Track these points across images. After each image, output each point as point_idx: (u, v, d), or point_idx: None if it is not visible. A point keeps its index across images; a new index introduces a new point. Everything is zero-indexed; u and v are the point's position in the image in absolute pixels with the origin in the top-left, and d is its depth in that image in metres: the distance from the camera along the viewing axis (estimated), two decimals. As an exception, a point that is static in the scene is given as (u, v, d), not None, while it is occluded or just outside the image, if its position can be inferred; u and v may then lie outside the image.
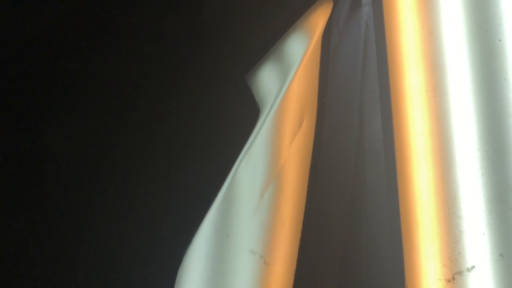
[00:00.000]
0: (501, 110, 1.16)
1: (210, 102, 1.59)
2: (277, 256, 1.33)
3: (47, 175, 1.31)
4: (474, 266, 1.09)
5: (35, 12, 1.45)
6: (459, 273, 1.11)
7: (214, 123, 1.57)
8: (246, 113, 1.56)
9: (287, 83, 1.57)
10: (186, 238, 1.33)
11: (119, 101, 1.47)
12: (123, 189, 1.37)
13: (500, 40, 1.20)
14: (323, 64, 1.71)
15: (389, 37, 1.45)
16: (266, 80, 1.63)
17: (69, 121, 1.39)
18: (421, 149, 1.27)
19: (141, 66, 1.56)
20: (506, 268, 1.06)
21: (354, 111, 2.09)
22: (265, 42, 1.69)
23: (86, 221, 1.29)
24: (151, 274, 1.30)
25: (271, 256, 1.31)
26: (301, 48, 1.67)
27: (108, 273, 1.27)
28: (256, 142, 1.45)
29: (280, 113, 1.51)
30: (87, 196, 1.32)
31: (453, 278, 1.11)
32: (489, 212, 1.11)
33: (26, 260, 1.21)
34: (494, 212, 1.10)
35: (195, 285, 1.28)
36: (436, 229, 1.18)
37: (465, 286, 1.10)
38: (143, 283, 1.29)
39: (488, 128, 1.17)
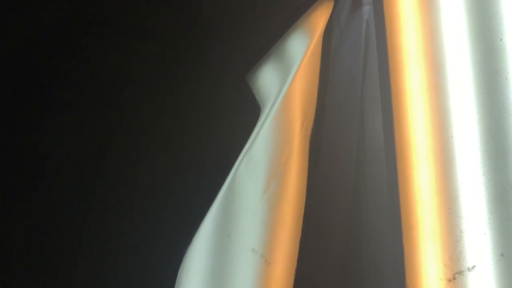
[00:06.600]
0: (502, 109, 1.15)
1: (210, 102, 1.59)
2: (278, 255, 1.33)
3: (47, 175, 1.31)
4: (475, 266, 1.09)
5: (35, 12, 1.45)
6: (460, 272, 1.10)
7: (214, 122, 1.57)
8: (247, 112, 1.56)
9: (287, 83, 1.57)
10: (186, 238, 1.33)
11: (119, 100, 1.47)
12: (123, 189, 1.38)
13: (501, 39, 1.20)
14: (324, 63, 1.71)
15: (390, 36, 1.45)
16: (267, 79, 1.63)
17: (69, 120, 1.39)
18: (422, 148, 1.27)
19: (141, 65, 1.56)
20: (507, 267, 1.06)
21: (355, 110, 2.08)
22: (266, 41, 1.69)
23: (86, 221, 1.30)
24: (151, 274, 1.30)
25: (271, 255, 1.31)
26: (302, 47, 1.66)
27: (108, 273, 1.27)
28: (257, 142, 1.45)
29: (281, 113, 1.51)
30: (86, 196, 1.32)
31: (454, 278, 1.11)
32: (490, 212, 1.11)
33: (26, 260, 1.21)
34: (495, 212, 1.10)
35: (196, 284, 1.28)
36: (437, 228, 1.17)
37: (466, 285, 1.09)
38: (143, 283, 1.29)
39: (489, 127, 1.17)
